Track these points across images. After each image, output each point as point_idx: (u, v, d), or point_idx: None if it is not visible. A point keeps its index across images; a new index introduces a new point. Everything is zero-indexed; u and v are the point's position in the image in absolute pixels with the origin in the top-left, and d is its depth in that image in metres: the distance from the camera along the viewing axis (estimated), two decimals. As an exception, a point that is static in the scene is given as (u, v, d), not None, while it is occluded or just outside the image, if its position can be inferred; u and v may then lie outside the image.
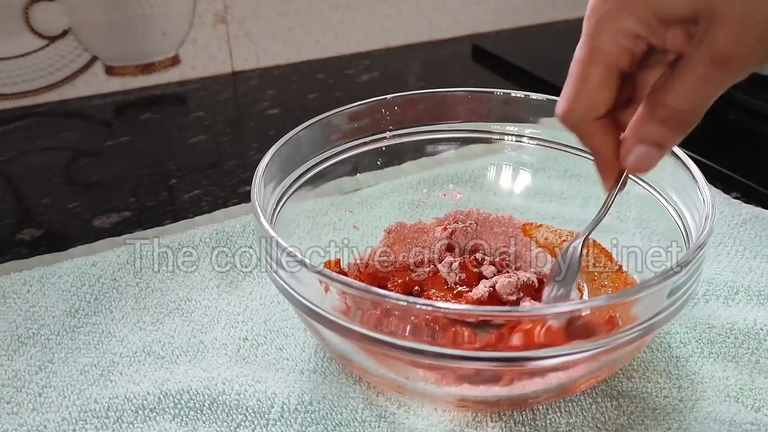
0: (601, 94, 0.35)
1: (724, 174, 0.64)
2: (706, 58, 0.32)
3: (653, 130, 0.35)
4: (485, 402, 0.41)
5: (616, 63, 0.34)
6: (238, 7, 0.87)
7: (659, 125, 0.34)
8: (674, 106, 0.33)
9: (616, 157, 0.37)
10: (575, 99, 0.35)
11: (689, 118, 0.34)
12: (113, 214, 0.62)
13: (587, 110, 0.35)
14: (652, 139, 0.35)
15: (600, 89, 0.35)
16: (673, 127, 0.34)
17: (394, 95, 0.53)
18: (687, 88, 0.33)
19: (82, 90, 0.84)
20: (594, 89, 0.35)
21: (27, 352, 0.46)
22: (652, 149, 0.35)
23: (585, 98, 0.35)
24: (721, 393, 0.43)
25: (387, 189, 0.58)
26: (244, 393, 0.42)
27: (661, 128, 0.34)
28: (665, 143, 0.35)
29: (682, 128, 0.34)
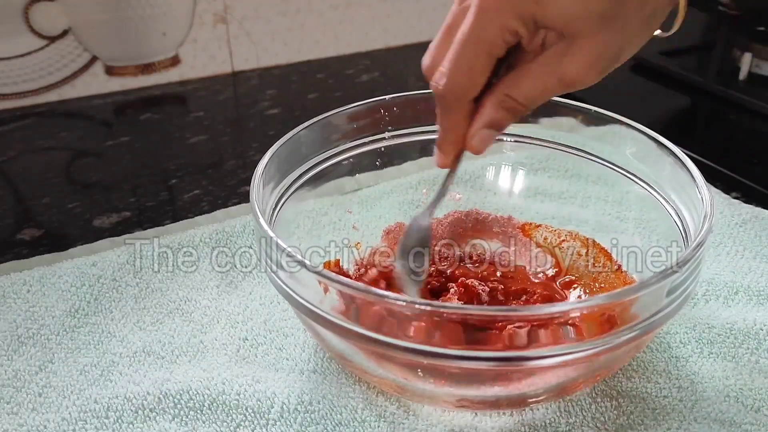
0: (480, 78, 0.39)
1: (724, 174, 0.64)
2: (555, 75, 0.37)
3: (499, 116, 0.39)
4: (484, 402, 0.41)
5: (497, 53, 0.38)
6: (238, 7, 0.87)
7: (504, 112, 0.39)
8: (520, 99, 0.39)
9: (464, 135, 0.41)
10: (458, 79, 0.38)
11: (527, 110, 0.39)
12: (113, 214, 0.62)
13: (466, 90, 0.39)
14: (496, 124, 0.40)
15: (481, 74, 0.38)
16: (513, 114, 0.39)
17: (394, 95, 0.53)
18: (531, 90, 0.38)
19: (82, 90, 0.84)
20: (477, 73, 0.38)
21: (27, 352, 0.46)
22: (493, 132, 0.40)
23: (467, 79, 0.39)
24: (721, 393, 0.43)
25: (386, 189, 0.58)
26: (244, 393, 0.42)
27: (505, 114, 0.39)
28: (503, 127, 0.40)
29: (519, 115, 0.40)
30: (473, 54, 0.38)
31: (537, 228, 0.54)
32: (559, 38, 0.37)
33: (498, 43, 0.37)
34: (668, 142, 0.46)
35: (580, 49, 0.36)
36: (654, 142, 0.47)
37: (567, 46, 0.37)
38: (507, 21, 0.36)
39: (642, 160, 0.49)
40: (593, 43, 0.36)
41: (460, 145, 0.41)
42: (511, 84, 0.38)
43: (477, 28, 0.37)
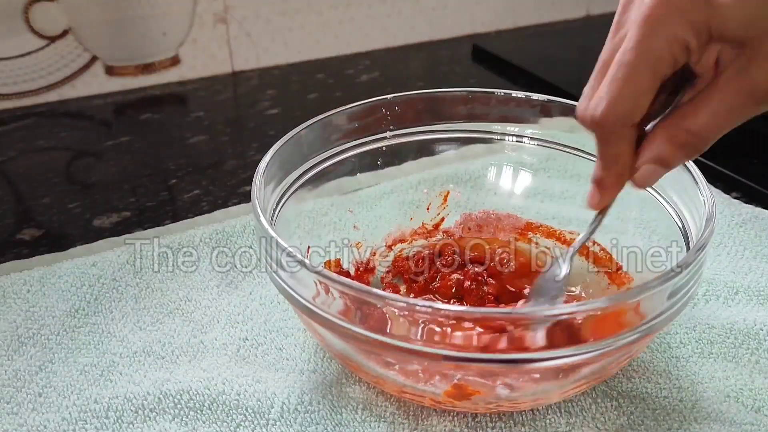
0: (644, 100, 0.34)
1: (724, 174, 0.64)
2: (742, 89, 0.32)
3: (670, 152, 0.35)
4: (485, 405, 0.41)
5: (663, 70, 0.33)
6: (238, 7, 0.87)
7: (676, 148, 0.34)
8: (695, 132, 0.34)
9: (630, 169, 0.36)
10: (620, 101, 0.34)
11: (706, 144, 0.34)
12: (113, 214, 0.62)
13: (630, 114, 0.34)
14: (665, 160, 0.35)
15: (645, 95, 0.34)
16: (687, 150, 0.35)
17: (395, 95, 0.53)
18: (713, 115, 0.33)
19: (82, 90, 0.84)
20: (641, 94, 0.34)
21: (27, 352, 0.46)
22: (661, 168, 0.35)
23: (630, 102, 0.34)
24: (721, 393, 0.43)
25: (387, 189, 0.58)
26: (244, 393, 0.42)
27: (677, 151, 0.34)
28: (674, 164, 0.36)
29: (695, 153, 0.35)
30: (638, 71, 0.33)
31: (538, 228, 0.54)
32: (738, 51, 0.32)
33: (665, 57, 0.32)
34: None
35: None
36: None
37: (752, 56, 0.31)
38: (677, 31, 0.32)
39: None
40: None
41: (622, 181, 0.37)
42: (685, 114, 0.34)
43: (642, 40, 0.32)
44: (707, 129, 0.33)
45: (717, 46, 0.33)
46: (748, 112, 0.33)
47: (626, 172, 0.36)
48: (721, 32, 0.32)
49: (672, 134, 0.34)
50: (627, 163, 0.36)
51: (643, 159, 0.35)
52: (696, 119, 0.33)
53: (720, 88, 0.33)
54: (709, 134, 0.34)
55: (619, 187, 0.38)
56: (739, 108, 0.33)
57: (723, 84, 0.33)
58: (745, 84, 0.32)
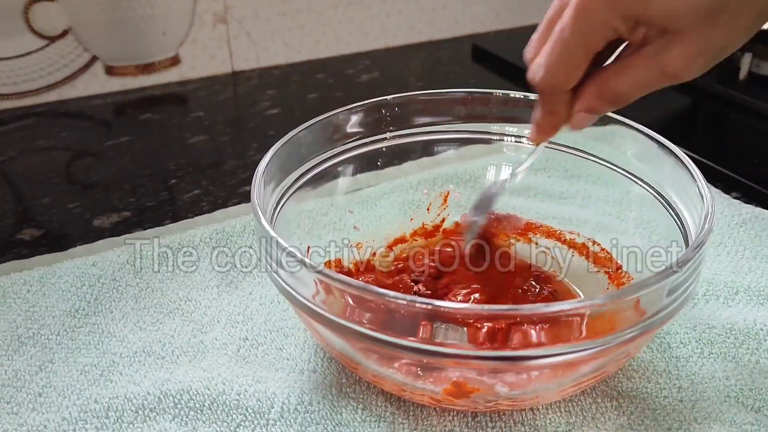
0: (577, 72, 0.40)
1: (724, 174, 0.64)
2: (657, 68, 0.37)
3: (598, 104, 0.41)
4: (485, 403, 0.41)
5: (595, 48, 0.39)
6: (238, 7, 0.87)
7: (603, 101, 0.40)
8: (617, 91, 0.39)
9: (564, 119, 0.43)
10: (556, 72, 0.40)
11: (626, 101, 0.40)
12: (113, 214, 0.62)
13: (564, 83, 0.40)
14: (594, 110, 0.41)
15: (578, 69, 0.40)
16: (612, 104, 0.41)
17: (395, 95, 0.53)
18: (633, 82, 0.39)
19: (82, 90, 0.84)
20: (574, 68, 0.40)
21: (27, 352, 0.46)
22: (592, 116, 0.42)
23: (564, 74, 0.40)
24: (721, 393, 0.43)
25: (387, 189, 0.58)
26: (244, 393, 0.42)
27: (604, 103, 0.41)
28: (602, 113, 0.42)
29: (617, 106, 0.41)
30: (570, 50, 0.38)
31: (538, 228, 0.54)
32: (661, 34, 0.37)
33: (596, 39, 0.38)
34: (668, 142, 0.46)
35: (684, 44, 0.36)
36: (654, 143, 0.47)
37: (670, 41, 0.36)
38: (607, 19, 0.37)
39: (642, 160, 0.49)
40: (698, 37, 0.36)
41: (560, 125, 0.43)
42: (611, 76, 0.39)
43: (575, 25, 0.38)
44: (627, 91, 0.39)
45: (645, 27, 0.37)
46: (658, 85, 0.39)
47: (561, 120, 0.43)
48: (646, 19, 0.36)
49: (599, 90, 0.40)
50: (562, 114, 0.42)
51: (578, 107, 0.41)
52: (618, 81, 0.39)
53: (640, 61, 0.38)
54: (629, 95, 0.40)
55: (554, 131, 0.44)
56: (652, 81, 0.38)
57: (643, 58, 0.38)
58: (660, 63, 0.37)
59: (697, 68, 0.37)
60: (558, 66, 0.39)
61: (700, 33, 0.36)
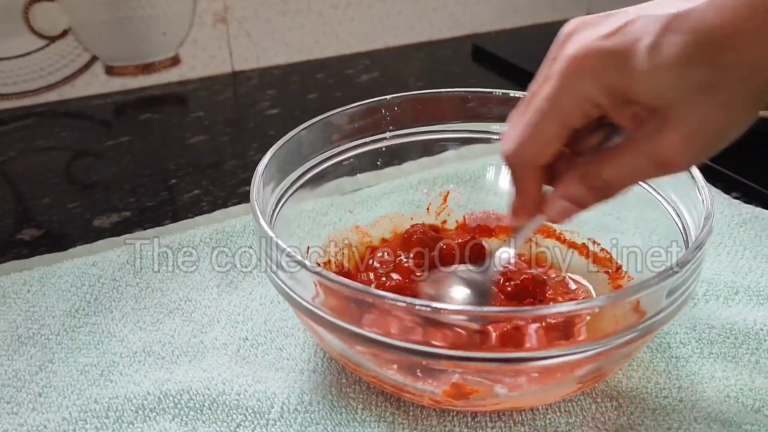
0: (551, 148, 0.36)
1: (724, 174, 0.64)
2: (648, 155, 0.34)
3: (580, 193, 0.37)
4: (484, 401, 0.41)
5: (572, 124, 0.35)
6: (238, 7, 0.87)
7: (587, 190, 0.36)
8: (605, 179, 0.36)
9: (536, 203, 0.39)
10: (526, 145, 0.36)
11: (614, 191, 0.36)
12: (113, 214, 0.62)
13: (534, 158, 0.37)
14: (576, 200, 0.37)
15: (552, 143, 0.36)
16: (598, 194, 0.37)
17: (395, 95, 0.53)
18: (621, 170, 0.35)
19: (82, 90, 0.84)
20: (546, 142, 0.36)
21: (27, 352, 0.46)
22: (573, 207, 0.38)
23: (536, 148, 0.36)
24: (721, 393, 0.43)
25: (387, 189, 0.58)
26: (244, 393, 0.42)
27: (587, 192, 0.37)
28: (585, 205, 0.38)
29: (605, 197, 0.37)
30: (546, 120, 0.35)
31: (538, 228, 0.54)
32: (653, 115, 0.33)
33: (575, 113, 0.35)
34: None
35: (676, 125, 0.32)
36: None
37: (662, 123, 0.33)
38: (588, 91, 0.33)
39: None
40: (691, 118, 0.32)
41: (533, 211, 0.39)
42: (596, 161, 0.36)
43: (554, 94, 0.34)
44: (614, 180, 0.36)
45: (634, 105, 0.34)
46: (651, 174, 0.35)
47: (532, 205, 0.39)
48: (634, 97, 0.33)
49: (584, 176, 0.36)
50: (533, 197, 0.39)
51: (557, 194, 0.38)
52: (606, 169, 0.35)
53: (630, 147, 0.34)
54: (616, 185, 0.36)
55: (527, 216, 0.40)
56: (643, 169, 0.35)
57: (633, 144, 0.34)
58: (650, 149, 0.33)
59: (692, 155, 0.33)
60: (530, 137, 0.36)
61: (693, 113, 0.32)
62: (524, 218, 0.40)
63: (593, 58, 0.33)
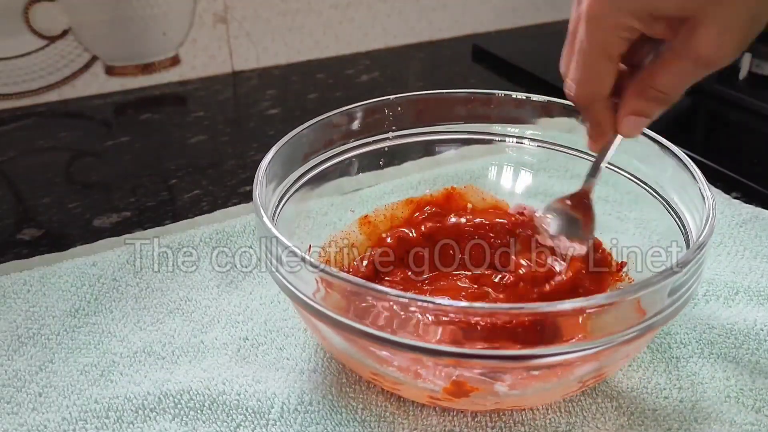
0: (607, 79, 0.40)
1: (724, 174, 0.64)
2: (689, 56, 0.37)
3: (643, 105, 0.40)
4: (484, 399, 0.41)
5: (617, 51, 0.39)
6: (238, 7, 0.87)
7: (647, 101, 0.40)
8: (660, 89, 0.39)
9: (612, 126, 0.42)
10: (585, 84, 0.40)
11: (672, 98, 0.40)
12: (113, 214, 0.62)
13: (596, 92, 0.41)
14: (642, 112, 0.41)
15: (606, 75, 0.40)
16: (658, 103, 0.40)
17: (396, 96, 0.53)
18: (671, 77, 0.38)
19: (82, 90, 0.84)
20: (601, 76, 0.40)
21: (27, 352, 0.46)
22: (641, 119, 0.41)
23: (593, 83, 0.40)
24: (721, 393, 0.43)
25: (387, 189, 0.58)
26: (244, 393, 0.42)
27: (649, 104, 0.40)
28: (651, 114, 0.41)
29: (665, 104, 0.40)
30: (593, 60, 0.39)
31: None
32: (683, 22, 0.36)
33: (615, 43, 0.38)
34: (669, 143, 0.47)
35: (707, 26, 0.35)
36: (655, 143, 0.47)
37: (693, 26, 0.35)
38: (618, 20, 0.37)
39: (643, 161, 0.49)
40: (718, 14, 0.35)
41: (609, 133, 0.42)
42: (648, 75, 0.39)
43: (589, 35, 0.38)
44: (667, 86, 0.39)
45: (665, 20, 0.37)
46: (698, 74, 0.38)
47: (609, 128, 0.42)
48: (659, 13, 0.36)
49: (642, 91, 0.40)
50: (608, 122, 0.42)
51: (623, 112, 0.41)
52: (656, 79, 0.39)
53: (673, 55, 0.38)
54: (670, 90, 0.39)
55: (606, 137, 0.43)
56: (690, 71, 0.38)
57: (675, 51, 0.37)
58: (691, 52, 0.37)
59: (731, 47, 0.36)
60: (585, 78, 0.40)
61: (720, 10, 0.35)
62: (603, 141, 0.44)
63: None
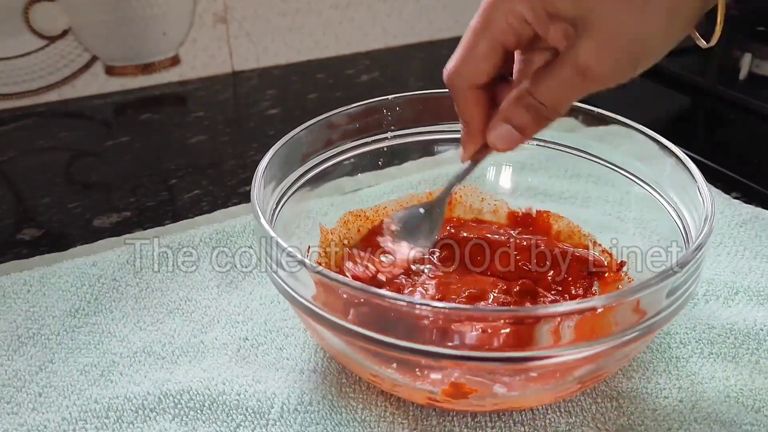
0: (483, 64, 0.37)
1: (724, 174, 0.64)
2: (570, 65, 0.34)
3: (519, 114, 0.37)
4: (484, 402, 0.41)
5: (502, 39, 0.36)
6: (238, 7, 0.87)
7: (524, 111, 0.37)
8: (539, 97, 0.36)
9: (482, 131, 0.40)
10: (461, 64, 0.38)
11: (549, 113, 0.37)
12: (113, 214, 0.62)
13: (469, 77, 0.38)
14: (515, 122, 0.38)
15: (483, 60, 0.37)
16: (535, 116, 0.37)
17: (396, 95, 0.53)
18: (552, 87, 0.36)
19: (82, 90, 0.84)
20: (479, 58, 0.37)
21: (27, 352, 0.46)
22: (514, 132, 0.38)
23: (469, 65, 0.38)
24: (721, 393, 0.43)
25: (387, 189, 0.58)
26: (244, 393, 0.42)
27: (525, 114, 0.37)
28: (526, 129, 0.38)
29: (541, 119, 0.37)
30: (477, 38, 0.37)
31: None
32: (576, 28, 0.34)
33: (503, 27, 0.36)
34: (668, 143, 0.47)
35: (592, 32, 0.33)
36: (654, 143, 0.47)
37: (580, 33, 0.34)
38: (513, 5, 0.35)
39: (642, 161, 0.49)
40: (607, 24, 0.33)
41: (477, 141, 0.40)
42: (530, 84, 0.37)
43: (483, 12, 0.36)
44: (547, 96, 0.36)
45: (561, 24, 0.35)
46: (577, 87, 0.35)
47: (477, 133, 0.40)
48: (554, 10, 0.34)
49: (519, 96, 0.37)
50: (476, 123, 0.39)
51: (496, 118, 0.38)
52: (537, 86, 0.36)
53: (557, 62, 0.35)
54: (551, 101, 0.36)
55: (474, 144, 0.41)
56: (569, 82, 0.35)
57: (560, 59, 0.35)
58: (572, 59, 0.34)
59: (610, 63, 0.34)
60: (464, 55, 0.37)
61: (609, 18, 0.33)
62: (471, 147, 0.41)
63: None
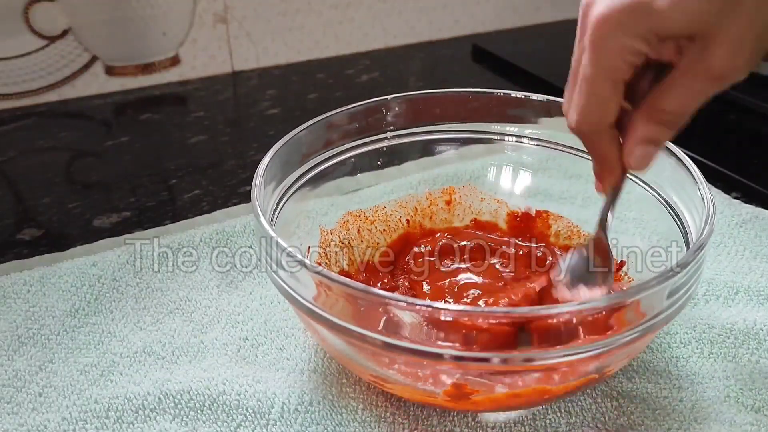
0: (611, 105, 0.38)
1: (724, 174, 0.64)
2: (702, 74, 0.35)
3: (653, 131, 0.38)
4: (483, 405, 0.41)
5: (621, 77, 0.37)
6: (238, 7, 0.87)
7: (657, 126, 0.38)
8: (670, 111, 0.37)
9: (619, 160, 0.40)
10: (588, 111, 0.38)
11: (682, 119, 0.38)
12: (113, 214, 0.62)
13: (600, 121, 0.38)
14: (652, 139, 0.38)
15: (610, 102, 0.38)
16: (668, 127, 0.38)
17: (395, 95, 0.53)
18: (682, 98, 0.37)
19: (82, 90, 0.84)
20: (605, 102, 0.38)
21: (27, 352, 0.46)
22: (650, 147, 0.39)
23: (599, 110, 0.38)
24: (721, 393, 0.43)
25: (387, 189, 0.58)
26: (244, 393, 0.42)
27: (659, 128, 0.38)
28: (661, 141, 0.39)
29: (674, 127, 0.38)
30: (597, 84, 0.37)
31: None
32: (692, 41, 0.35)
33: (620, 67, 0.36)
34: (669, 143, 0.46)
35: (720, 42, 0.34)
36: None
37: (705, 43, 0.34)
38: (624, 42, 0.35)
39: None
40: (731, 29, 0.33)
41: (616, 169, 0.40)
42: (657, 97, 0.37)
43: (594, 58, 0.36)
44: (677, 108, 0.37)
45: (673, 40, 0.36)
46: (710, 92, 0.36)
47: (616, 163, 0.40)
48: (667, 33, 0.35)
49: (650, 115, 0.38)
50: (614, 156, 0.40)
51: (631, 141, 0.39)
52: (666, 100, 0.37)
53: (682, 73, 0.36)
54: (683, 111, 0.37)
55: (615, 176, 0.41)
56: (700, 89, 0.36)
57: (684, 70, 0.36)
58: (703, 69, 0.35)
59: (745, 61, 0.35)
60: (589, 106, 0.38)
61: (731, 24, 0.33)
62: (612, 180, 0.41)
63: (618, 13, 0.35)
